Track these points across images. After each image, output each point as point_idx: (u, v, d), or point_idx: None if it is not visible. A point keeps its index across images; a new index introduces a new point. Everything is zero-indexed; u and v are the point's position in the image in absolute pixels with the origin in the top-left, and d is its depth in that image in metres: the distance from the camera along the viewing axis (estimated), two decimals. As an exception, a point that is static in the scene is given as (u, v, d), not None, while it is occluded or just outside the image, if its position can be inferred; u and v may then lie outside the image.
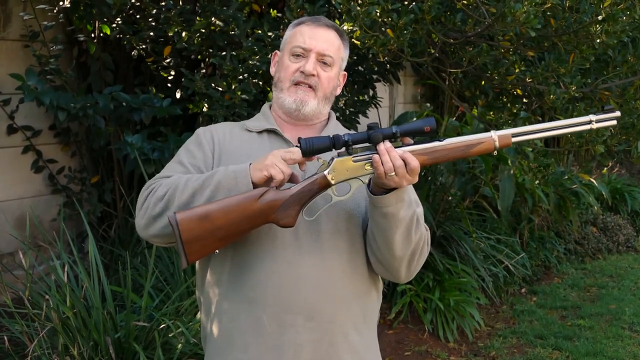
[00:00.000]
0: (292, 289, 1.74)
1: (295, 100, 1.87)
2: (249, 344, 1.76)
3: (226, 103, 3.78)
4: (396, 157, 1.65)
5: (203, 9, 3.91)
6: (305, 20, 1.92)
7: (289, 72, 1.88)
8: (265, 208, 1.66)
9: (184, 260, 1.67)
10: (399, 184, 1.67)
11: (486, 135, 1.76)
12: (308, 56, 1.86)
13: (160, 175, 1.83)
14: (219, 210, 1.65)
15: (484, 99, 4.53)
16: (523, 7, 3.03)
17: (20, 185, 4.28)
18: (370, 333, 1.91)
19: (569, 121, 1.79)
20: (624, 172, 9.83)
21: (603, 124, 1.80)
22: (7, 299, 3.19)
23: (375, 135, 1.68)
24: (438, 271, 5.05)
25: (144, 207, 1.74)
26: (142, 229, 1.75)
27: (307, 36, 1.87)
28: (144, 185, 1.80)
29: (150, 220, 1.72)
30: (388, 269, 1.81)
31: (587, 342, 4.91)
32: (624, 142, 4.01)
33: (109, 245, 4.37)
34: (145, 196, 1.75)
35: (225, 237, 1.67)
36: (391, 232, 1.72)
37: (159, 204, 1.71)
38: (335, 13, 4.13)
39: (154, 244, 1.89)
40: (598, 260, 7.21)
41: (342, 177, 1.71)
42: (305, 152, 1.67)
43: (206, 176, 1.71)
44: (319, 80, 1.87)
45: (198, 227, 1.64)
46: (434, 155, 1.73)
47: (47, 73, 4.07)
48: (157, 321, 3.16)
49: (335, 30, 1.91)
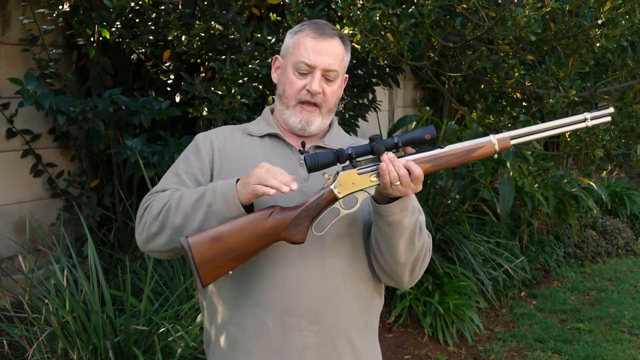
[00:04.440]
0: (296, 292, 1.75)
1: (300, 121, 1.87)
2: (253, 347, 1.77)
3: (226, 107, 3.77)
4: (400, 167, 1.68)
5: (203, 12, 3.91)
6: (307, 29, 1.87)
7: (294, 89, 1.86)
8: (276, 226, 1.69)
9: (199, 283, 1.69)
10: (404, 193, 1.70)
11: (486, 139, 1.80)
12: (314, 73, 1.84)
13: (157, 188, 1.85)
14: (230, 231, 1.68)
15: (483, 103, 4.53)
16: (524, 11, 3.03)
17: (19, 189, 4.28)
18: (372, 337, 1.93)
19: (564, 120, 1.86)
20: (624, 175, 9.83)
21: (598, 120, 1.86)
22: (6, 303, 3.18)
23: (378, 146, 1.72)
24: (438, 275, 5.05)
25: (141, 223, 1.78)
26: (142, 245, 1.80)
27: (311, 51, 1.84)
28: (144, 198, 1.83)
29: (149, 238, 1.76)
30: (391, 275, 1.83)
31: (586, 346, 4.91)
32: (623, 145, 4.01)
33: (108, 249, 4.36)
34: (142, 212, 1.79)
35: (238, 257, 1.70)
36: (395, 239, 1.74)
37: (155, 223, 1.74)
38: (335, 17, 4.13)
39: (156, 257, 1.91)
40: (597, 264, 7.21)
41: (348, 190, 1.73)
42: (310, 168, 1.70)
43: (196, 198, 1.72)
44: (325, 96, 1.86)
45: (210, 249, 1.67)
46: (437, 162, 1.76)
47: (46, 77, 4.07)
48: (157, 325, 3.16)
49: (338, 37, 1.89)
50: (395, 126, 6.57)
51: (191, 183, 1.84)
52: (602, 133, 3.70)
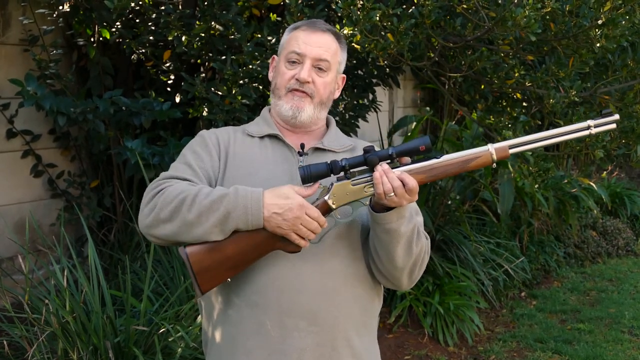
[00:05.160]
0: (295, 293, 1.75)
1: (291, 107, 1.87)
2: (252, 348, 1.77)
3: (226, 107, 3.77)
4: (394, 178, 1.67)
5: (203, 13, 3.91)
6: (301, 25, 1.91)
7: (284, 78, 1.88)
8: (271, 236, 1.70)
9: (197, 290, 1.72)
10: (399, 204, 1.69)
11: (483, 149, 1.78)
12: (303, 62, 1.86)
13: (169, 174, 1.80)
14: (227, 240, 1.69)
15: (483, 103, 4.52)
16: (524, 12, 3.03)
17: (19, 190, 4.28)
18: (371, 337, 1.92)
19: (567, 128, 1.80)
20: (624, 176, 9.83)
21: (602, 128, 1.80)
22: (6, 303, 3.18)
23: (372, 158, 1.71)
24: (438, 275, 5.05)
25: (150, 205, 1.74)
26: (146, 227, 1.74)
27: (301, 41, 1.86)
28: (152, 182, 1.79)
29: (155, 222, 1.72)
30: (390, 279, 1.84)
31: (586, 346, 4.90)
32: (623, 146, 4.01)
33: (108, 250, 4.36)
34: (153, 195, 1.74)
35: (235, 266, 1.71)
36: (392, 246, 1.75)
37: (165, 210, 1.70)
38: (335, 17, 4.13)
39: (152, 242, 1.90)
40: (598, 264, 7.21)
41: (343, 200, 1.74)
42: (304, 180, 1.71)
43: (213, 199, 1.69)
44: (315, 86, 1.87)
45: (208, 258, 1.69)
46: (432, 173, 1.76)
47: (46, 77, 4.07)
48: (157, 325, 3.15)
49: (331, 34, 1.90)
50: (396, 126, 6.56)
51: (204, 177, 1.82)
52: (602, 134, 3.70)
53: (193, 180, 1.79)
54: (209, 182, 1.83)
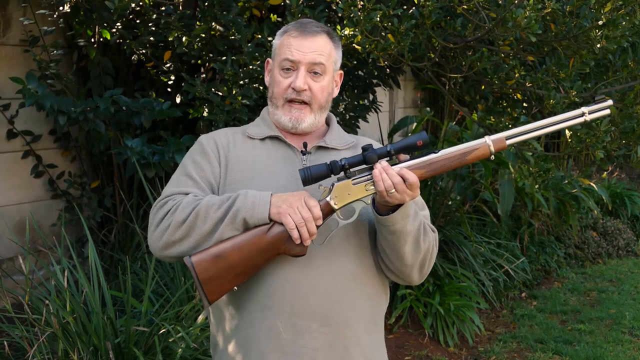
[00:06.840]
0: (306, 294, 1.75)
1: (290, 119, 1.87)
2: (265, 351, 1.76)
3: (227, 108, 3.77)
4: (393, 175, 1.68)
5: (203, 13, 3.91)
6: (291, 29, 1.87)
7: (281, 88, 1.86)
8: (274, 240, 1.70)
9: (205, 301, 1.71)
10: (401, 200, 1.69)
11: (480, 141, 1.78)
12: (297, 69, 1.84)
13: (172, 191, 1.80)
14: (231, 247, 1.69)
15: (484, 104, 4.53)
16: (525, 12, 3.03)
17: (20, 190, 4.28)
18: (379, 335, 1.94)
19: (562, 116, 1.81)
20: (624, 176, 9.83)
21: (596, 114, 1.81)
22: (7, 304, 3.18)
23: (370, 155, 1.72)
24: (438, 276, 5.05)
25: (160, 227, 1.74)
26: (159, 250, 1.75)
27: (294, 48, 1.84)
28: (157, 202, 1.79)
29: (170, 244, 1.73)
30: (400, 276, 1.85)
31: (587, 347, 4.90)
32: (623, 146, 4.00)
33: (108, 250, 4.36)
34: (162, 215, 1.74)
35: (241, 273, 1.71)
36: (400, 245, 1.75)
37: (179, 229, 1.71)
38: (335, 18, 4.13)
39: (165, 261, 1.91)
40: (598, 265, 7.21)
41: (344, 201, 1.74)
42: (304, 182, 1.71)
43: (227, 206, 1.71)
44: (312, 93, 1.85)
45: (213, 267, 1.69)
46: (431, 168, 1.76)
47: (47, 78, 4.07)
48: (157, 326, 3.15)
49: (324, 33, 1.88)
50: (396, 127, 6.57)
51: (206, 187, 1.82)
52: (603, 134, 3.69)
53: (195, 191, 1.79)
54: (211, 189, 1.83)
